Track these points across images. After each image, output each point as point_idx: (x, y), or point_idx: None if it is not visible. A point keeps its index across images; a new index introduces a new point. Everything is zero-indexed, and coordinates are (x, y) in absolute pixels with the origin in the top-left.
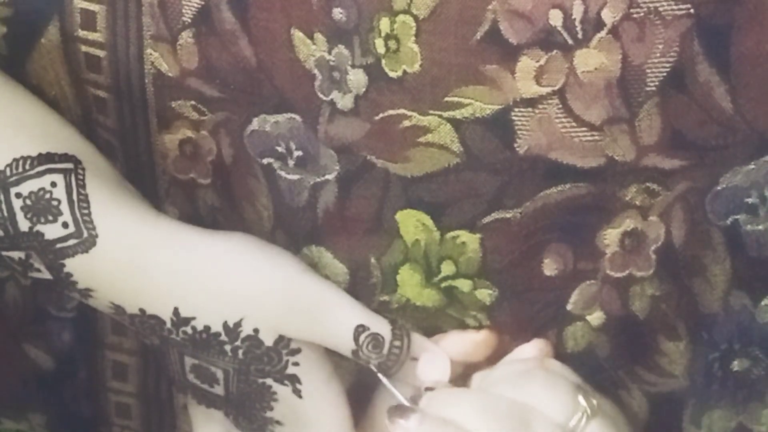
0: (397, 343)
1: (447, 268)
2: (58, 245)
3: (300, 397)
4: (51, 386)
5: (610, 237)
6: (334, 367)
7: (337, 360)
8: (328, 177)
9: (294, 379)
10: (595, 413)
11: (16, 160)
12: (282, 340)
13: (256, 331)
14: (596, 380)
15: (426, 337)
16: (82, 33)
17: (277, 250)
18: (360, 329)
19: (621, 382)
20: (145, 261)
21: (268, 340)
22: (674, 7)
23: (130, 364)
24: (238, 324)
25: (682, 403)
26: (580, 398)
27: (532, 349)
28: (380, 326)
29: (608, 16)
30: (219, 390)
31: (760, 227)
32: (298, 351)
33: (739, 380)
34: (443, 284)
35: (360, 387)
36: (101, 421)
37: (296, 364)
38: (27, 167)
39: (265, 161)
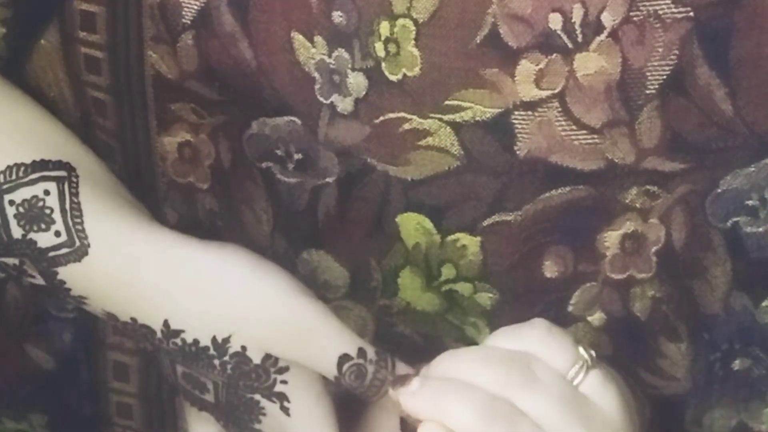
0: (380, 375)
1: (447, 271)
2: (51, 253)
3: (288, 415)
4: (52, 386)
5: (611, 239)
6: (324, 385)
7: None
8: (329, 180)
9: (282, 397)
10: (595, 365)
11: (9, 167)
12: (269, 358)
13: (243, 348)
14: None
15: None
16: (81, 34)
17: (271, 266)
18: (344, 358)
19: None
20: (137, 272)
21: (256, 358)
22: (674, 10)
23: (132, 364)
24: (226, 340)
25: (683, 402)
26: (581, 349)
27: None
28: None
29: (608, 20)
30: (209, 397)
31: (760, 229)
32: (286, 369)
33: (740, 379)
34: (443, 288)
35: (353, 399)
36: (102, 422)
37: (284, 382)
38: (21, 174)
39: (264, 165)
